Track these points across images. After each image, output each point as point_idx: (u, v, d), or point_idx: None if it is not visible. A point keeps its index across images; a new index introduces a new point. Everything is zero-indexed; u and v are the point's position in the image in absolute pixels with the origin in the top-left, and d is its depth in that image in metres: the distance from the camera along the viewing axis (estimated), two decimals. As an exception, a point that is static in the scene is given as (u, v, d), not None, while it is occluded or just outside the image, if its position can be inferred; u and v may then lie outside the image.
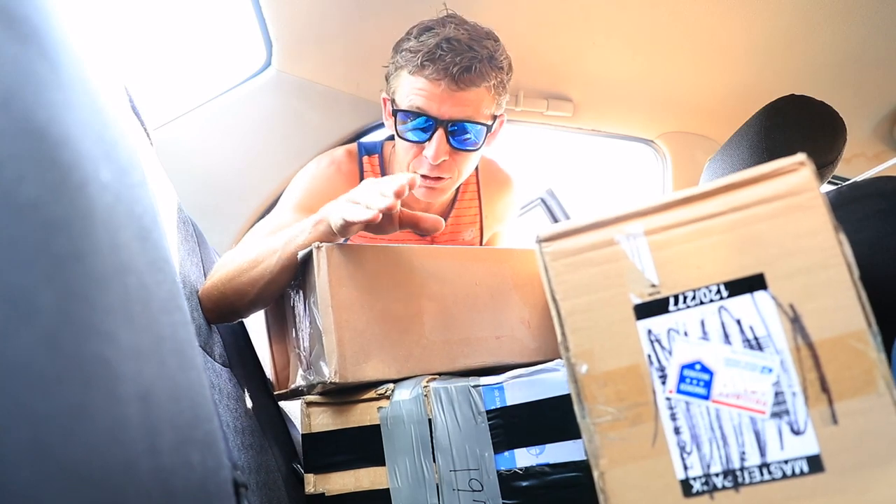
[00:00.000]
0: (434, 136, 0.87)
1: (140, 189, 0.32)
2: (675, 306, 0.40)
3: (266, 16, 1.05)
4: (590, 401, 0.41)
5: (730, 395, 0.39)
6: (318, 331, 0.65)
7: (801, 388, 0.37)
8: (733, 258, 0.40)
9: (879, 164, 1.47)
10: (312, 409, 0.66)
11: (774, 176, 0.40)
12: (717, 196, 0.41)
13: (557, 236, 0.43)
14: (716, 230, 0.40)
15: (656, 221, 0.41)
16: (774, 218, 0.39)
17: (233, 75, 1.17)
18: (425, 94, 0.85)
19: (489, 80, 0.86)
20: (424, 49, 0.83)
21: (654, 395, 0.40)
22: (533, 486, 0.54)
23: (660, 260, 0.41)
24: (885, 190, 0.59)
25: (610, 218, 0.42)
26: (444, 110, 0.85)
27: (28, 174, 0.21)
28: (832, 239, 0.38)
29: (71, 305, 0.21)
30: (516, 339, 0.75)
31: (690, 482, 0.38)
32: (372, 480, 0.62)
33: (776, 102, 1.04)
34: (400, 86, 0.88)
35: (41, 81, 0.24)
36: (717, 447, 0.38)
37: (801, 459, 0.37)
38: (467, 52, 0.83)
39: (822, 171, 1.03)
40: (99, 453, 0.21)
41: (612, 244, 0.42)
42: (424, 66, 0.83)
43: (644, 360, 0.40)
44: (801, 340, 0.38)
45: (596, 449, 0.40)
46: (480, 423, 0.57)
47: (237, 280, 0.72)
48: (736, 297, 0.39)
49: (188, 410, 0.30)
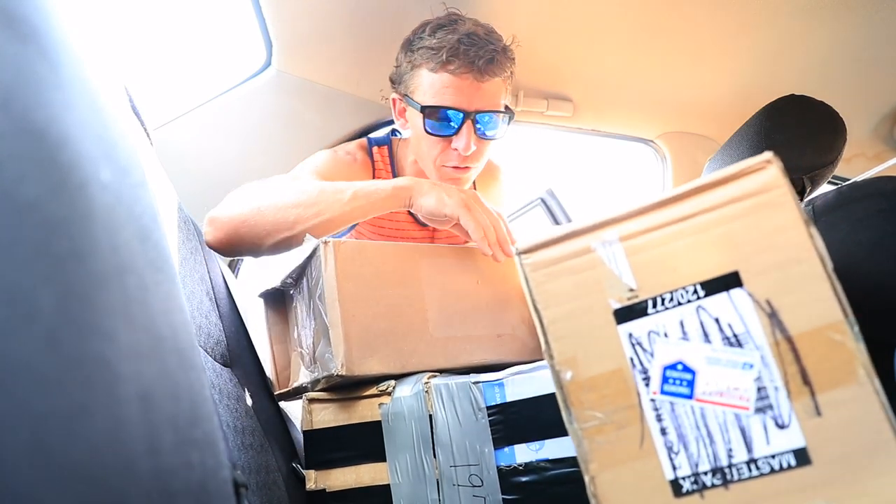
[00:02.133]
0: (462, 128, 0.89)
1: (140, 189, 0.32)
2: (654, 309, 0.41)
3: (266, 16, 1.05)
4: (576, 406, 0.41)
5: (713, 394, 0.39)
6: (325, 325, 0.65)
7: (782, 382, 0.38)
8: (708, 258, 0.40)
9: (879, 164, 1.47)
10: (314, 406, 0.66)
11: (743, 175, 0.40)
12: (688, 198, 0.42)
13: (536, 248, 0.44)
14: (689, 232, 0.41)
15: (631, 227, 0.42)
16: (745, 216, 0.40)
17: (233, 75, 1.17)
18: (453, 88, 0.87)
19: (506, 71, 0.90)
20: (447, 45, 0.85)
21: (639, 398, 0.40)
22: (532, 482, 0.54)
23: (636, 264, 0.42)
24: (885, 190, 0.59)
25: (586, 226, 0.43)
26: (472, 103, 0.88)
27: (28, 174, 0.21)
28: (804, 234, 0.39)
29: (71, 305, 0.21)
30: (517, 338, 0.75)
31: (680, 482, 0.39)
32: (373, 476, 0.62)
33: (776, 102, 1.04)
34: (420, 84, 0.90)
35: (41, 81, 0.24)
36: (704, 445, 0.39)
37: (788, 453, 0.37)
38: (488, 45, 0.86)
39: (822, 171, 1.03)
40: (99, 453, 0.21)
41: (589, 252, 0.43)
42: (450, 61, 0.85)
43: (627, 364, 0.41)
44: (780, 335, 0.38)
45: (585, 454, 0.41)
46: (480, 419, 0.58)
47: (277, 216, 0.72)
48: (713, 296, 0.40)
49: (188, 410, 0.30)
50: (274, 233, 0.73)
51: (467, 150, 0.89)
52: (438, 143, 0.92)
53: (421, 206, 0.73)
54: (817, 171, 1.02)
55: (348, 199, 0.72)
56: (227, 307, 0.92)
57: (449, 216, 0.72)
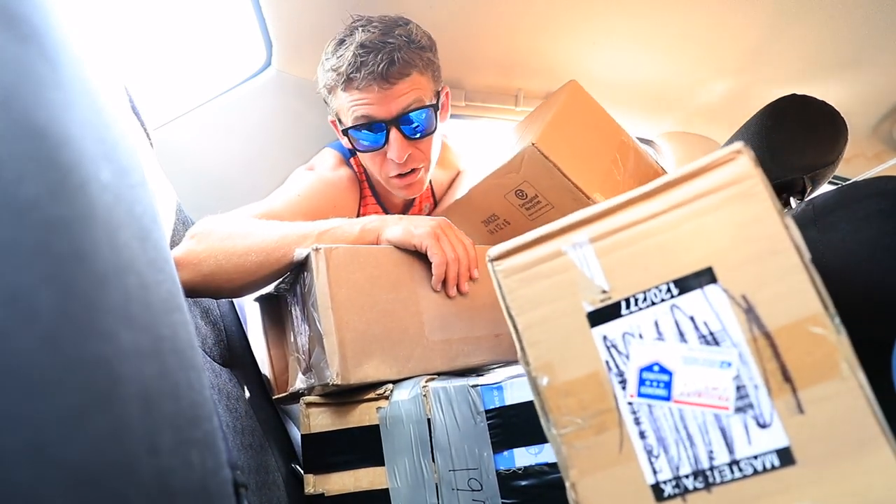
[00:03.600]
0: (390, 137, 0.87)
1: (140, 189, 0.32)
2: (628, 310, 0.40)
3: (266, 16, 1.05)
4: (554, 412, 0.41)
5: (691, 394, 0.38)
6: (319, 333, 0.65)
7: (762, 380, 0.36)
8: (680, 255, 0.39)
9: (879, 164, 1.47)
10: (312, 410, 0.66)
11: (713, 167, 0.39)
12: (657, 195, 0.40)
13: (507, 253, 0.43)
14: (659, 229, 0.40)
15: (600, 228, 0.41)
16: (717, 209, 0.39)
17: (233, 75, 1.17)
18: (364, 102, 0.85)
19: (416, 64, 0.86)
20: (344, 63, 0.84)
21: (616, 401, 0.39)
22: (532, 486, 0.54)
23: (608, 265, 0.41)
24: (885, 190, 0.59)
25: (556, 229, 0.42)
26: (387, 110, 0.86)
27: (28, 174, 0.21)
28: (778, 224, 0.37)
29: (71, 305, 0.21)
30: (516, 339, 0.75)
31: (661, 486, 0.38)
32: (371, 480, 0.62)
33: (776, 102, 1.04)
34: (339, 105, 0.89)
35: (41, 81, 0.24)
36: (685, 448, 0.38)
37: (771, 453, 0.36)
38: (383, 48, 0.83)
39: (822, 171, 1.03)
40: (99, 453, 0.21)
41: (560, 255, 0.42)
42: (352, 78, 0.84)
43: (602, 367, 0.40)
44: (758, 330, 0.37)
45: (564, 460, 0.40)
46: (479, 422, 0.57)
47: (246, 258, 0.70)
48: (687, 294, 0.39)
49: (188, 410, 0.30)
50: (236, 279, 0.71)
51: (400, 157, 0.88)
52: (375, 157, 0.92)
53: (389, 239, 0.72)
54: (818, 171, 1.02)
55: (316, 237, 0.71)
56: (226, 307, 0.92)
57: (417, 246, 0.71)
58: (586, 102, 0.96)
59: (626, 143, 0.95)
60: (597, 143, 0.91)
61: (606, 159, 0.90)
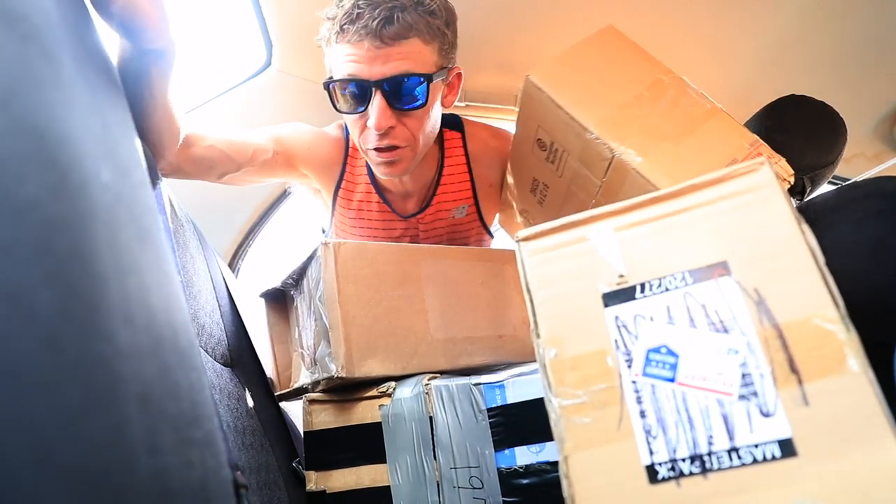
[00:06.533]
0: (373, 101, 0.77)
1: (140, 189, 0.32)
2: (642, 294, 0.42)
3: (266, 16, 1.05)
4: (557, 384, 0.41)
5: (696, 378, 0.38)
6: (325, 327, 0.65)
7: (769, 369, 0.37)
8: (697, 249, 0.41)
9: (879, 164, 1.47)
10: (314, 407, 0.66)
11: (737, 175, 0.42)
12: (682, 195, 0.43)
13: (535, 235, 0.46)
14: (680, 225, 0.42)
15: (625, 219, 0.44)
16: (737, 211, 0.41)
17: (233, 75, 1.17)
18: (352, 58, 0.76)
19: (419, 29, 0.76)
20: (341, 13, 0.76)
21: (620, 379, 0.40)
22: (533, 484, 0.54)
23: (628, 253, 0.43)
24: (885, 190, 0.59)
25: (583, 217, 0.45)
26: (374, 71, 0.76)
27: (28, 174, 0.21)
28: (794, 228, 0.39)
29: (71, 305, 0.21)
30: (518, 339, 0.75)
31: (656, 468, 0.37)
32: (373, 478, 0.62)
33: (776, 102, 1.04)
34: (332, 61, 0.81)
35: (41, 81, 0.24)
36: (684, 430, 0.37)
37: (773, 443, 0.35)
38: (385, 4, 0.74)
39: (822, 171, 1.03)
40: (99, 453, 0.21)
41: (584, 240, 0.45)
42: (345, 29, 0.75)
43: (611, 345, 0.41)
44: (767, 322, 0.37)
45: (561, 432, 0.40)
46: (481, 420, 0.57)
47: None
48: (700, 283, 0.40)
49: (188, 410, 0.30)
50: None
51: (379, 126, 0.78)
52: (357, 122, 0.82)
53: None
54: (818, 171, 1.02)
55: None
56: (228, 307, 0.92)
57: None
58: (617, 41, 0.87)
59: (663, 82, 0.85)
60: (619, 78, 0.82)
61: (628, 94, 0.80)
